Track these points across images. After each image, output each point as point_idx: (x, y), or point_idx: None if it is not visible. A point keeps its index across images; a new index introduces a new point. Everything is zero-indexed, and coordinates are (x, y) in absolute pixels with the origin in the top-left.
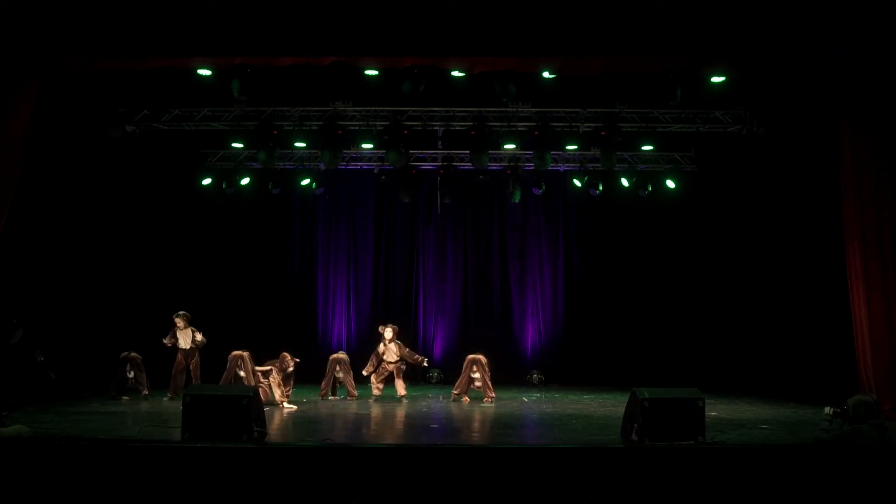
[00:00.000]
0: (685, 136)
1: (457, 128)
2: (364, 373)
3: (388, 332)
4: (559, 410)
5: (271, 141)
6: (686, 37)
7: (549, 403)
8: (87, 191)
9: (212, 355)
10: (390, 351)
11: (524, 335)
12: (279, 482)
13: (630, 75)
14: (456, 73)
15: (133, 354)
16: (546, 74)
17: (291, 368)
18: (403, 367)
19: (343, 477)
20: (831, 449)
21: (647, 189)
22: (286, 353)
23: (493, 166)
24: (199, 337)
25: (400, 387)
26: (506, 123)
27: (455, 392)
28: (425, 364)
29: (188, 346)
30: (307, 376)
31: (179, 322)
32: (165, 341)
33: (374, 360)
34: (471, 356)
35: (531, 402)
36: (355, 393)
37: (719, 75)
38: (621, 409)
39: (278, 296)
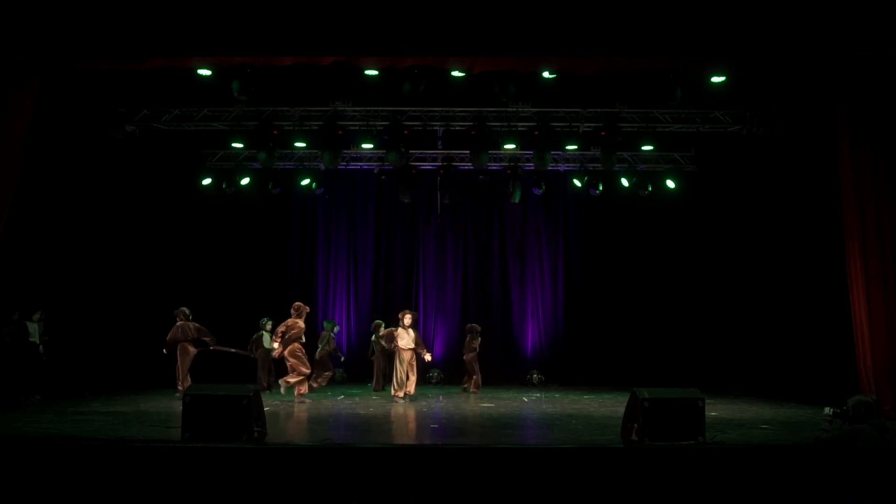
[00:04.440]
0: (685, 136)
1: (457, 128)
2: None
3: (408, 319)
4: (559, 410)
5: (271, 141)
6: (686, 37)
7: (549, 403)
8: (88, 191)
9: (210, 354)
10: (407, 337)
11: (524, 335)
12: (279, 482)
13: (630, 75)
14: (456, 73)
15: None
16: (546, 74)
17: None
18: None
19: (343, 477)
20: (831, 449)
21: (647, 189)
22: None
23: (493, 166)
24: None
25: (412, 385)
26: (506, 123)
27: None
28: (428, 359)
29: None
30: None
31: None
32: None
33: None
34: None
35: (531, 402)
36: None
37: (719, 75)
38: (621, 409)
39: (278, 296)
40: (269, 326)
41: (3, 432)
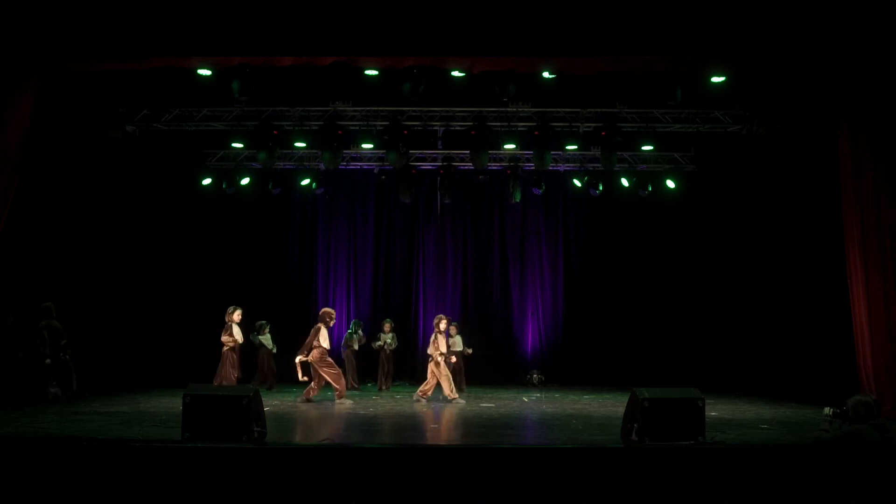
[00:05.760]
0: (685, 136)
1: (457, 128)
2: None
3: (444, 324)
4: (559, 410)
5: (271, 141)
6: (686, 37)
7: (549, 403)
8: (88, 191)
9: (211, 355)
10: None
11: (524, 335)
12: (279, 482)
13: (630, 75)
14: (456, 73)
15: None
16: (546, 74)
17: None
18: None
19: (343, 477)
20: (831, 449)
21: (647, 189)
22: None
23: (493, 166)
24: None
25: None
26: (506, 123)
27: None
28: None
29: (242, 341)
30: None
31: (237, 316)
32: (227, 340)
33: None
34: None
35: (531, 402)
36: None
37: (719, 75)
38: (621, 409)
39: (278, 296)
40: (266, 329)
41: (3, 432)
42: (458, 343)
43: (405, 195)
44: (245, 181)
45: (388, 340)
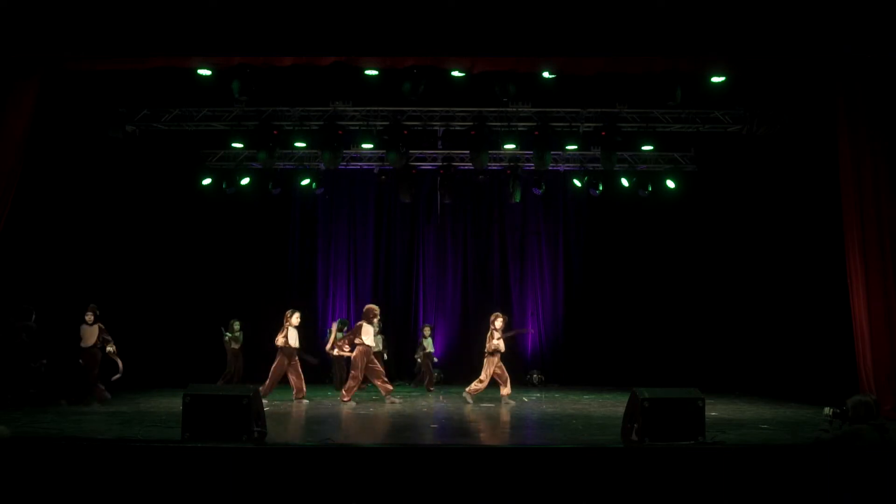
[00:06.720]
0: (685, 136)
1: (457, 128)
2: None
3: (500, 321)
4: (559, 410)
5: (271, 141)
6: (686, 37)
7: (549, 403)
8: (88, 191)
9: (210, 356)
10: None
11: (524, 335)
12: (279, 482)
13: (630, 75)
14: (456, 73)
15: None
16: (546, 74)
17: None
18: None
19: (343, 477)
20: (831, 449)
21: (647, 189)
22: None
23: (493, 166)
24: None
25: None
26: (506, 123)
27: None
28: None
29: (297, 345)
30: (309, 376)
31: (296, 319)
32: (280, 342)
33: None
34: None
35: (531, 402)
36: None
37: (719, 75)
38: (621, 409)
39: (278, 296)
40: (236, 327)
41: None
42: (429, 345)
43: (405, 195)
44: (245, 181)
45: (380, 346)
